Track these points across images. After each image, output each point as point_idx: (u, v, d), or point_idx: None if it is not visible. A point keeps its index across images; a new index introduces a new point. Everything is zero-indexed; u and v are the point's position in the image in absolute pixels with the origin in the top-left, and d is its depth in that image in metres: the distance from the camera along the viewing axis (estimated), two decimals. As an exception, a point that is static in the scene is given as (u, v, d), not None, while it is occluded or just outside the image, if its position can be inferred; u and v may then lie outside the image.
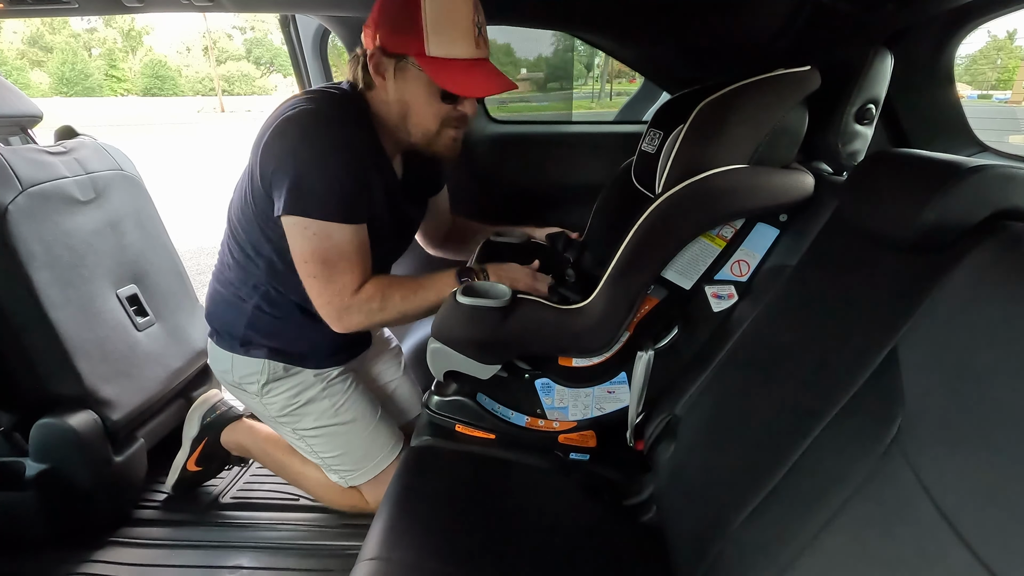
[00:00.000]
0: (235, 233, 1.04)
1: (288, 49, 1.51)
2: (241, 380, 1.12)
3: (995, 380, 0.46)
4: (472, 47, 0.89)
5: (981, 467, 0.44)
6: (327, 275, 0.94)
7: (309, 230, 0.90)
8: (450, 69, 0.88)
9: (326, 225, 0.90)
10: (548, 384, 1.01)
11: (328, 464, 1.18)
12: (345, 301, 0.96)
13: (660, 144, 1.00)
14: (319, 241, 0.91)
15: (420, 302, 0.99)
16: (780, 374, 0.73)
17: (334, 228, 0.91)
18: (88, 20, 34.18)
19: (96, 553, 1.23)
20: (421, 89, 0.92)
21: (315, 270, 0.94)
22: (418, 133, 0.97)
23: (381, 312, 0.98)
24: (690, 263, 0.95)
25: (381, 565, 0.72)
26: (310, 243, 0.92)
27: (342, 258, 0.93)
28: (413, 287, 0.99)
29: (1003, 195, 0.56)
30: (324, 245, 0.91)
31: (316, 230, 0.90)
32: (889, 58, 0.89)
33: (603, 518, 0.91)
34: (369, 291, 0.97)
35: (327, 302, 0.96)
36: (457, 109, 0.94)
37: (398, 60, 0.90)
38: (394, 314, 0.99)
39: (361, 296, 0.96)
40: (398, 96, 0.94)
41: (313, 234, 0.91)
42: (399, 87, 0.93)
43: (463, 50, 0.88)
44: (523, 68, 10.59)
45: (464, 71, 0.88)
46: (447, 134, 0.97)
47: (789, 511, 0.59)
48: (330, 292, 0.95)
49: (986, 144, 1.08)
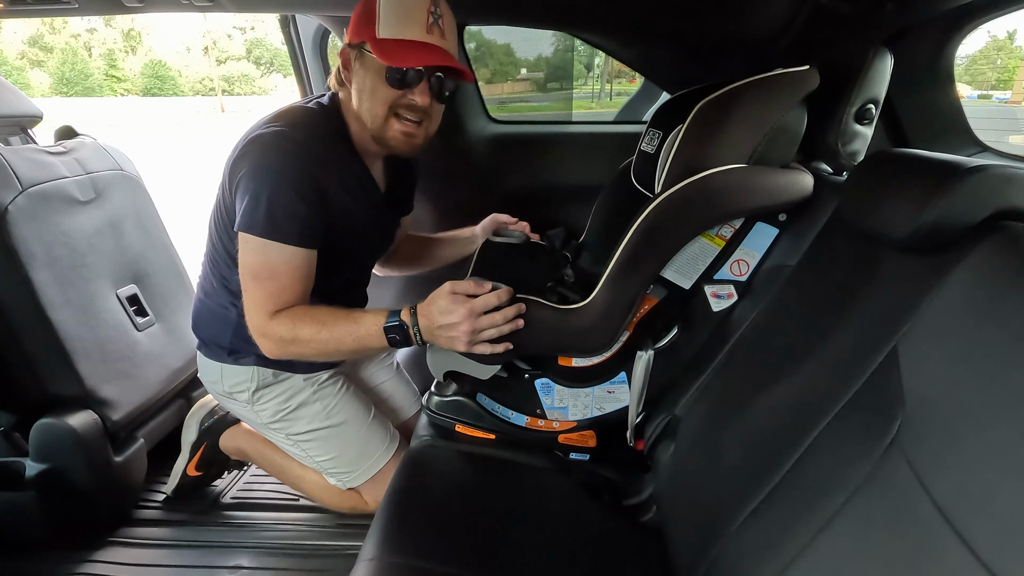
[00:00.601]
0: (214, 244, 1.05)
1: (288, 49, 1.51)
2: (231, 389, 1.12)
3: (995, 380, 0.46)
4: (422, 31, 0.89)
5: (981, 467, 0.44)
6: (252, 291, 0.92)
7: (249, 245, 0.90)
8: (394, 47, 0.88)
9: (264, 242, 0.89)
10: (548, 384, 1.01)
11: (324, 468, 1.18)
12: (260, 322, 0.92)
13: (659, 144, 1.00)
14: (254, 256, 0.90)
15: (338, 338, 0.90)
16: (780, 374, 0.73)
17: (272, 247, 0.89)
18: (88, 20, 34.20)
19: (96, 553, 1.23)
20: (371, 72, 0.92)
21: (246, 284, 0.92)
22: (369, 119, 0.95)
23: (292, 343, 0.91)
24: (689, 262, 0.94)
25: (381, 565, 0.72)
26: (247, 258, 0.91)
27: (271, 277, 0.91)
28: (329, 321, 0.91)
29: (1003, 195, 0.56)
30: (259, 260, 0.90)
31: (255, 246, 0.90)
32: (889, 58, 0.89)
33: (603, 518, 0.91)
34: (280, 318, 0.92)
35: (249, 320, 0.94)
36: (407, 96, 0.92)
37: (358, 50, 0.92)
38: (307, 348, 0.91)
39: (273, 322, 0.92)
40: (357, 85, 0.94)
41: (251, 249, 0.90)
42: (357, 75, 0.94)
43: (412, 32, 0.88)
44: (523, 68, 10.58)
45: (406, 48, 0.88)
46: (395, 125, 0.95)
47: (789, 511, 0.59)
48: (251, 310, 0.93)
49: (986, 144, 1.08)
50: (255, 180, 0.88)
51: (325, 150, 0.94)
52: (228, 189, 0.94)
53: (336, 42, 1.48)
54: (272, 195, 0.87)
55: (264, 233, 0.88)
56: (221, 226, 1.00)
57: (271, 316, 0.92)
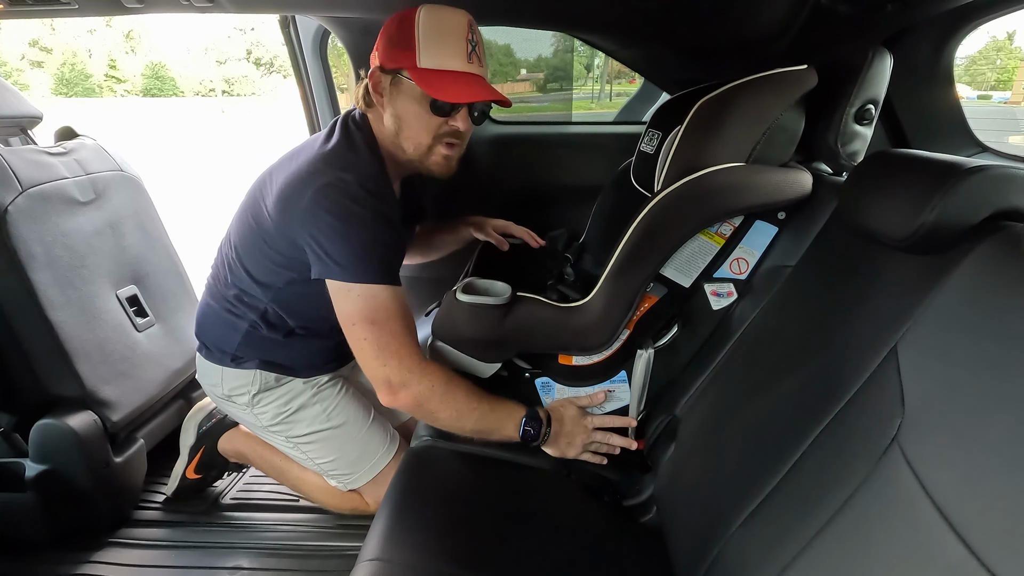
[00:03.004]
0: (238, 256, 1.04)
1: (288, 50, 1.51)
2: (231, 392, 1.12)
3: (995, 380, 0.46)
4: (463, 61, 0.90)
5: (981, 467, 0.44)
6: (376, 336, 0.90)
7: (354, 293, 0.90)
8: (438, 78, 0.89)
9: (372, 288, 0.89)
10: (548, 383, 1.01)
11: (325, 470, 1.18)
12: (405, 368, 0.90)
13: (659, 144, 1.00)
14: (364, 303, 0.89)
15: (477, 417, 0.92)
16: (780, 374, 0.73)
17: (382, 291, 0.90)
18: (88, 21, 34.12)
19: (96, 554, 1.22)
20: (413, 101, 0.92)
21: (364, 332, 0.90)
22: (410, 147, 0.97)
23: (441, 399, 0.90)
24: (689, 261, 0.95)
25: (381, 566, 0.72)
26: (353, 306, 0.90)
27: (390, 318, 0.90)
28: (480, 395, 0.93)
29: (1003, 195, 0.56)
30: (370, 305, 0.89)
31: (361, 292, 0.89)
32: (889, 58, 0.89)
33: (603, 519, 0.91)
34: (434, 368, 0.91)
35: (383, 364, 0.90)
36: (449, 124, 0.94)
37: (393, 75, 0.92)
38: (450, 411, 0.91)
39: (426, 370, 0.91)
40: (392, 111, 0.95)
41: (358, 296, 0.89)
42: (393, 101, 0.94)
43: (453, 63, 0.90)
44: (523, 68, 10.58)
45: (451, 81, 0.89)
46: (439, 151, 0.97)
47: (789, 511, 0.59)
48: (386, 355, 0.90)
49: (986, 144, 1.08)
50: (348, 230, 0.88)
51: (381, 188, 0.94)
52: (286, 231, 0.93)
53: (336, 43, 1.48)
54: (373, 244, 0.89)
55: (375, 279, 0.89)
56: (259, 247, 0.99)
57: (418, 362, 0.91)
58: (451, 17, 0.90)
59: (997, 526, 0.41)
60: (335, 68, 1.56)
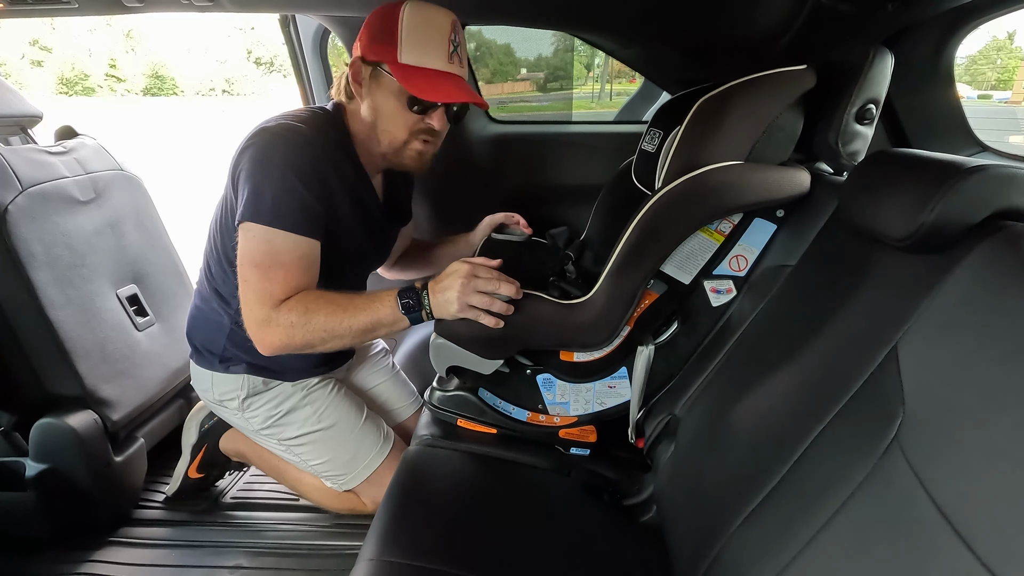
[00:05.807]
0: (214, 246, 1.04)
1: (288, 49, 1.51)
2: (221, 397, 1.12)
3: (995, 380, 0.46)
4: (444, 61, 0.90)
5: (981, 467, 0.44)
6: (253, 281, 0.88)
7: (251, 233, 0.88)
8: (418, 76, 0.89)
9: (267, 230, 0.87)
10: (550, 379, 1.01)
11: (319, 471, 1.18)
12: (265, 312, 0.88)
13: (660, 143, 1.01)
14: (257, 245, 0.88)
15: (350, 322, 0.88)
16: (780, 374, 0.73)
17: (276, 235, 0.87)
18: (88, 20, 34.13)
19: (96, 553, 1.22)
20: (391, 96, 0.92)
21: (246, 275, 0.89)
22: (385, 141, 0.97)
23: (303, 328, 0.87)
24: (689, 257, 0.95)
25: (381, 565, 0.72)
26: (248, 246, 0.88)
27: (275, 266, 0.87)
28: (343, 304, 0.89)
29: (1003, 195, 0.56)
30: (261, 248, 0.87)
31: (257, 233, 0.87)
32: (889, 58, 0.89)
33: (603, 518, 0.91)
34: (291, 304, 0.88)
35: (249, 310, 0.89)
36: (425, 121, 0.94)
37: (374, 68, 0.92)
38: (318, 333, 0.88)
39: (282, 309, 0.88)
40: (371, 103, 0.95)
41: (253, 238, 0.88)
42: (372, 93, 0.94)
43: (434, 61, 0.90)
44: (523, 68, 10.58)
45: (431, 79, 0.89)
46: (413, 146, 0.97)
47: (789, 511, 0.59)
48: (252, 301, 0.88)
49: (986, 144, 1.08)
50: (260, 170, 0.87)
51: (329, 154, 0.94)
52: (231, 182, 0.93)
53: (336, 42, 1.48)
54: (277, 184, 0.87)
55: (268, 221, 0.87)
56: (221, 222, 1.00)
57: (278, 304, 0.88)
58: (436, 16, 0.90)
59: (997, 526, 0.41)
60: (335, 67, 1.56)
